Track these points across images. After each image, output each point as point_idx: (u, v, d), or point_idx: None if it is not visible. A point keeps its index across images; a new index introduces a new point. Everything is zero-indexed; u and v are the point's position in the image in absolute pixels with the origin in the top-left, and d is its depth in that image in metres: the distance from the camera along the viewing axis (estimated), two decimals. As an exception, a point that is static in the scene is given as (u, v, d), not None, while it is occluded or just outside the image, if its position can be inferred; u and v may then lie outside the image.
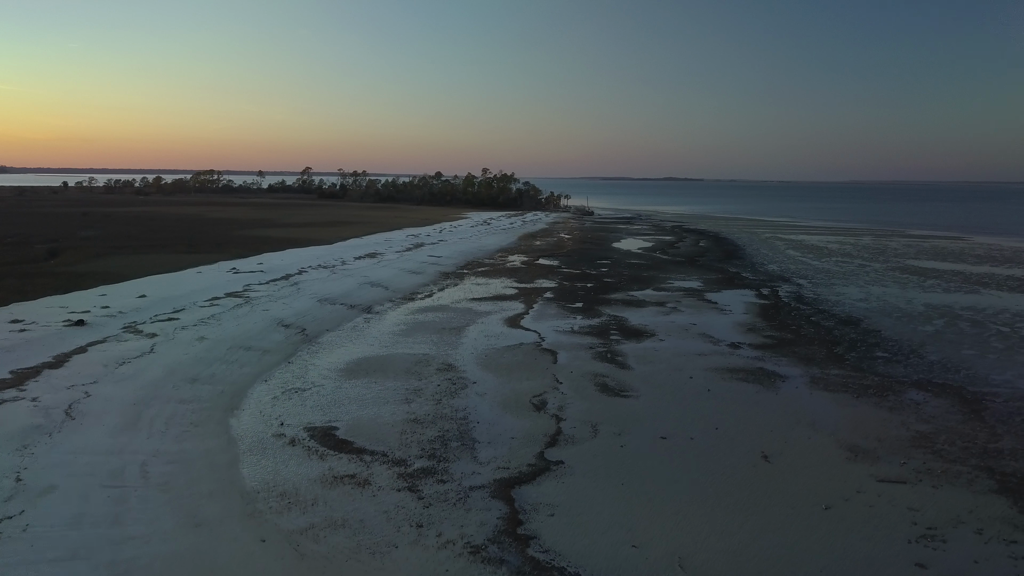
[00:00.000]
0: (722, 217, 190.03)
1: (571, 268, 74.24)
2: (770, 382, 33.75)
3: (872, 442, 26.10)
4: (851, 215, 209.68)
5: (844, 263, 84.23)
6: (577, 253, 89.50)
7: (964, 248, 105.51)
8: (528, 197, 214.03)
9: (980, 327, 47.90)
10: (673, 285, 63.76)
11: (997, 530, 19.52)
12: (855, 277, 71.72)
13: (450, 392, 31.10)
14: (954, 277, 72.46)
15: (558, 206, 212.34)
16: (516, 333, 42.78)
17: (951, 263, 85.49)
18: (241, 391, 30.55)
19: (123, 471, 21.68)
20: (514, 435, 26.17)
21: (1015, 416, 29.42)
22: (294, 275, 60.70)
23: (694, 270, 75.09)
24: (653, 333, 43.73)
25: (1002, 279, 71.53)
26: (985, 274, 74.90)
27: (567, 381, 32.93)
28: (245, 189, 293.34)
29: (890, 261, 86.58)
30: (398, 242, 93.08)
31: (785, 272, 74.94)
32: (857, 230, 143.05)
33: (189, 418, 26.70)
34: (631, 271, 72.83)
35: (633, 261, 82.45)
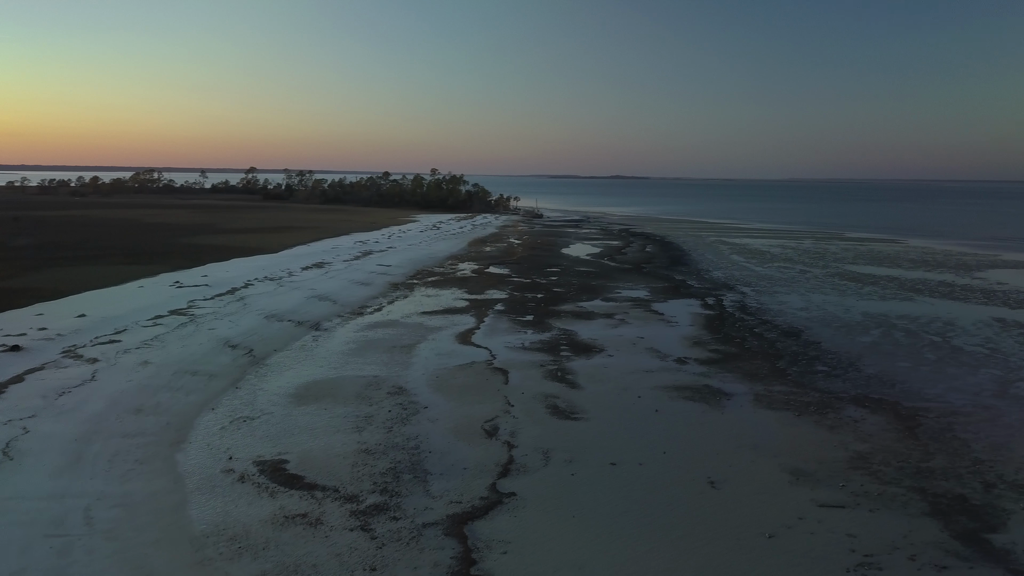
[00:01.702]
0: (668, 219, 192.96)
1: (521, 277, 74.62)
2: (716, 401, 34.57)
3: (813, 464, 26.99)
4: (792, 216, 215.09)
5: (786, 268, 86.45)
6: (527, 260, 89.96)
7: (899, 252, 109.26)
8: (478, 199, 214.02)
9: (914, 337, 49.77)
10: (621, 295, 64.63)
11: (929, 556, 20.43)
12: (796, 284, 73.70)
13: (401, 418, 31.08)
14: (890, 283, 75.04)
15: (508, 208, 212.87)
16: (467, 351, 42.89)
17: (887, 268, 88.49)
18: (187, 422, 30.02)
19: (66, 518, 21.16)
20: (466, 465, 26.32)
21: (946, 432, 30.75)
22: (240, 289, 59.69)
23: (641, 278, 76.20)
24: (602, 348, 44.32)
25: (934, 285, 74.36)
26: (919, 280, 77.76)
27: (519, 404, 33.21)
28: (187, 189, 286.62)
29: (829, 266, 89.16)
30: (346, 250, 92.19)
31: (729, 279, 76.57)
32: (798, 232, 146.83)
33: (134, 455, 26.16)
34: (580, 280, 73.55)
35: (582, 268, 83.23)
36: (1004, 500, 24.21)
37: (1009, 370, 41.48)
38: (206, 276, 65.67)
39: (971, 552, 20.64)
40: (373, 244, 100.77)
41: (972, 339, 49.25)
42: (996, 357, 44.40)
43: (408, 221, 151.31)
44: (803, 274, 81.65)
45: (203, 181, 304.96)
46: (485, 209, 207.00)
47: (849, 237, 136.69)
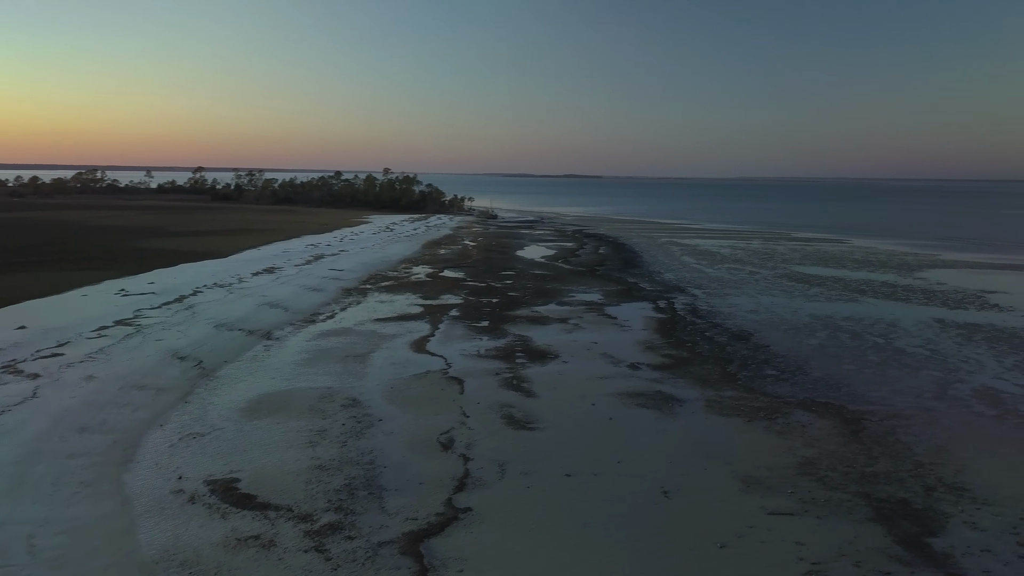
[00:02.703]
0: (621, 219, 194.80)
1: (476, 281, 74.58)
2: (669, 407, 35.07)
3: (763, 471, 27.60)
4: (742, 216, 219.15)
5: (735, 270, 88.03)
6: (482, 263, 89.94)
7: (844, 252, 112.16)
8: (432, 199, 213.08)
9: (859, 339, 51.18)
10: (575, 298, 65.08)
11: (874, 562, 21.08)
12: (746, 286, 75.12)
13: (356, 432, 30.83)
14: (835, 284, 77.00)
15: (462, 208, 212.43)
16: (422, 359, 42.73)
17: (833, 268, 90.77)
18: (135, 440, 29.32)
19: (8, 546, 20.50)
20: (422, 480, 26.26)
21: (888, 436, 31.72)
22: (189, 296, 58.46)
23: (595, 281, 76.82)
24: (557, 354, 44.60)
25: (878, 285, 76.55)
26: (863, 280, 79.96)
27: (474, 414, 33.23)
28: (132, 189, 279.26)
29: (778, 267, 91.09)
30: (297, 253, 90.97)
31: (681, 281, 77.69)
32: (747, 233, 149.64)
33: (79, 476, 25.46)
34: (535, 283, 73.84)
35: (537, 271, 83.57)
36: (944, 503, 25.10)
37: (948, 371, 42.94)
38: (153, 283, 64.17)
39: (913, 557, 21.36)
40: (325, 247, 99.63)
41: (913, 340, 50.85)
42: (936, 358, 45.92)
43: (361, 222, 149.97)
44: (752, 275, 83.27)
45: (149, 181, 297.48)
46: (439, 209, 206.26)
47: (796, 237, 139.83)
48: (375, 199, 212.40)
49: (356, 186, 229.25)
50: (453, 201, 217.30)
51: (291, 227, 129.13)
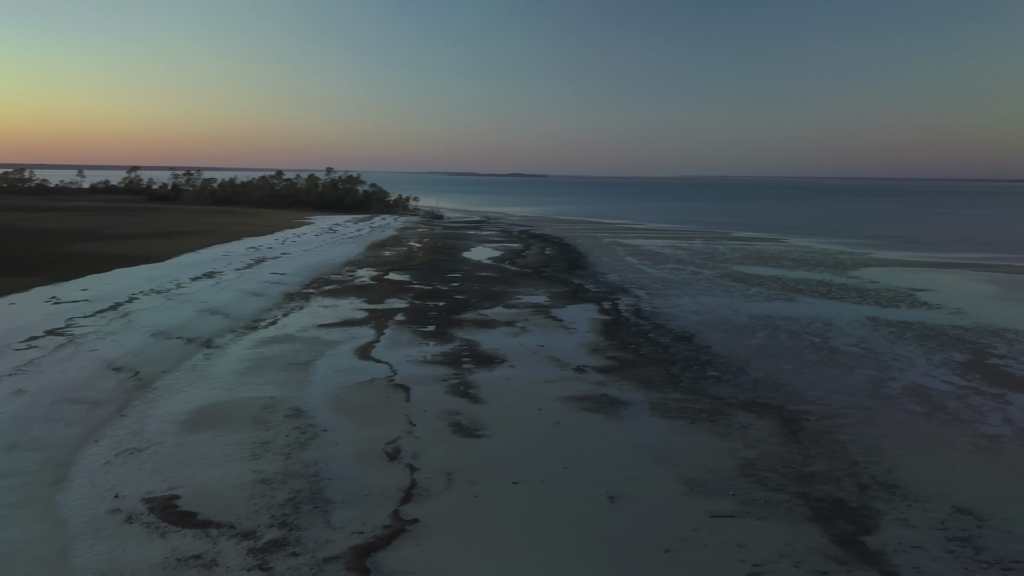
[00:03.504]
0: (566, 219, 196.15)
1: (422, 284, 74.19)
2: (614, 411, 35.49)
3: (705, 473, 28.16)
4: (684, 215, 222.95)
5: (678, 270, 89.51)
6: (428, 265, 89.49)
7: (782, 251, 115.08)
8: (376, 199, 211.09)
9: (796, 338, 52.59)
10: (522, 301, 65.28)
11: (812, 562, 21.70)
12: (688, 286, 76.45)
13: (300, 443, 30.37)
14: (774, 284, 78.96)
15: (407, 208, 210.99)
16: (367, 366, 42.31)
17: (771, 268, 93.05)
18: (68, 457, 28.32)
19: (-70, 576, 19.59)
20: (368, 491, 26.02)
21: (825, 435, 32.69)
22: (124, 303, 56.71)
23: (541, 283, 77.19)
24: (505, 359, 44.68)
25: (814, 284, 78.78)
26: (800, 280, 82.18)
27: (421, 423, 33.06)
28: (63, 190, 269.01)
29: (719, 267, 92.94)
30: (238, 257, 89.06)
31: (625, 282, 78.62)
32: (689, 232, 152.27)
33: (9, 497, 24.47)
34: (482, 285, 73.81)
35: (483, 273, 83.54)
36: (877, 501, 26.00)
37: (880, 369, 44.47)
38: (86, 290, 62.04)
39: (849, 556, 22.07)
40: (266, 250, 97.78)
41: (848, 339, 52.49)
42: (869, 357, 47.50)
43: (303, 224, 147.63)
44: (694, 276, 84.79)
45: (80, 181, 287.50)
46: (383, 210, 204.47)
47: (737, 236, 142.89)
48: (318, 199, 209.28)
49: (298, 186, 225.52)
50: (398, 201, 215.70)
51: (231, 229, 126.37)
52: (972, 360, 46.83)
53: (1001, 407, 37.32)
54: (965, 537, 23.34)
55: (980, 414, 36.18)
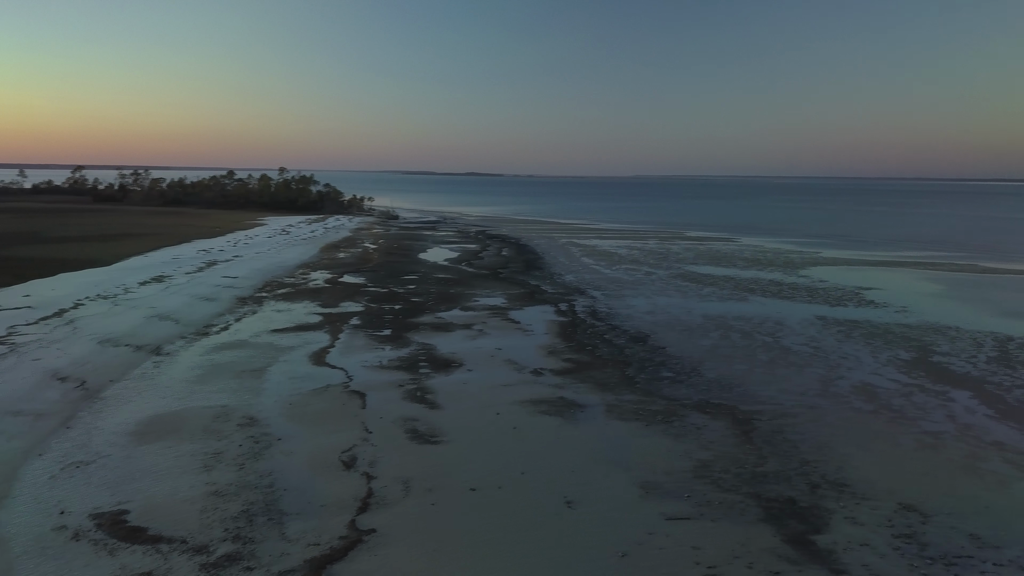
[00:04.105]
0: (522, 220, 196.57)
1: (378, 286, 73.59)
2: (570, 414, 35.67)
3: (661, 476, 28.49)
4: (638, 215, 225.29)
5: (633, 271, 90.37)
6: (384, 267, 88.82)
7: (734, 251, 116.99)
8: (330, 199, 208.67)
9: (749, 338, 53.52)
10: (479, 303, 65.22)
11: (764, 563, 22.12)
12: (643, 286, 77.24)
13: (254, 453, 29.88)
14: (727, 283, 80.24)
15: (362, 209, 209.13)
16: (322, 372, 41.82)
17: (724, 268, 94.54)
18: (11, 472, 27.42)
19: None
20: (324, 502, 25.72)
21: (777, 435, 33.34)
22: (69, 310, 55.10)
23: (498, 284, 77.20)
24: (462, 363, 44.58)
25: (766, 284, 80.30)
26: (752, 279, 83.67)
27: (377, 430, 32.81)
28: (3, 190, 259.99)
29: (672, 267, 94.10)
30: (188, 260, 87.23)
31: (581, 283, 79.10)
32: (643, 233, 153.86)
33: (-54, 517, 23.57)
34: (438, 288, 73.53)
35: (440, 275, 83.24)
36: (827, 500, 26.61)
37: (830, 368, 45.52)
38: (28, 296, 60.11)
39: (800, 555, 22.55)
40: (218, 253, 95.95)
41: (798, 338, 53.62)
42: (819, 356, 48.59)
43: (256, 225, 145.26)
44: (648, 276, 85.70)
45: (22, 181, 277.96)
46: (338, 210, 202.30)
47: (690, 236, 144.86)
48: (270, 200, 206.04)
49: (250, 186, 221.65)
50: (352, 201, 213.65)
51: (181, 231, 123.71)
52: (916, 358, 48.24)
53: (944, 404, 38.51)
54: (910, 534, 24.04)
55: (924, 411, 37.29)
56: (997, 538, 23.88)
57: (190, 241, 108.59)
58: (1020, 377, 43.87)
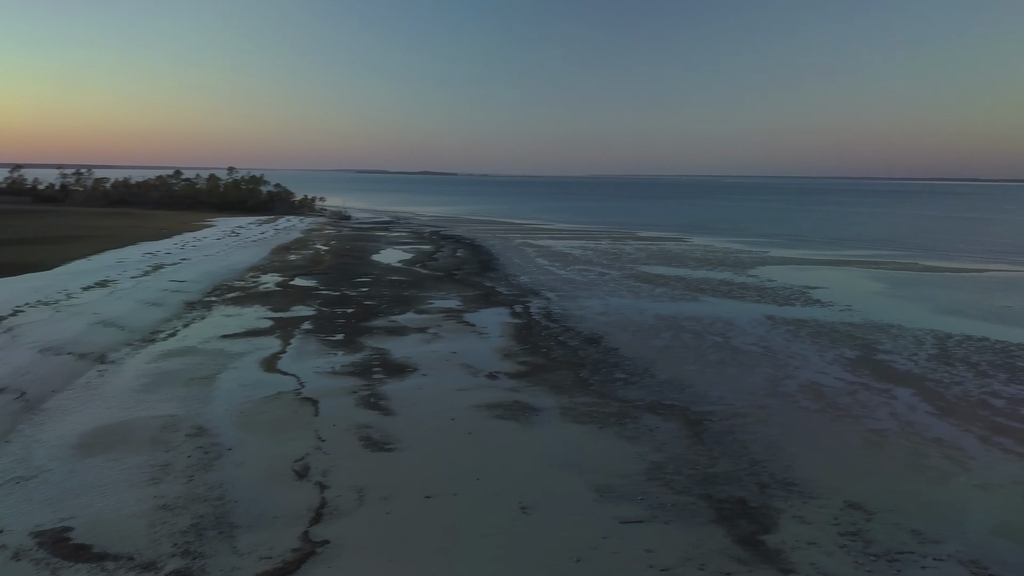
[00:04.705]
0: (477, 219, 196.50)
1: (330, 289, 72.77)
2: (526, 418, 35.80)
3: (615, 479, 28.77)
4: (592, 215, 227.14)
5: (586, 271, 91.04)
6: (336, 269, 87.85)
7: (685, 251, 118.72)
8: (280, 200, 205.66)
9: (700, 338, 54.38)
10: (434, 305, 64.99)
11: (716, 564, 22.52)
12: (596, 287, 77.88)
13: (203, 464, 29.29)
14: (678, 284, 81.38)
15: (313, 209, 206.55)
16: (274, 379, 41.21)
17: (675, 268, 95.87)
18: (-55, 490, 26.39)
19: None
20: (277, 513, 25.36)
21: (727, 436, 33.96)
22: (7, 317, 53.24)
23: (453, 286, 77.03)
24: (416, 368, 44.37)
25: (716, 284, 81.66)
26: (702, 279, 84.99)
27: (330, 438, 32.45)
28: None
29: (625, 268, 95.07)
30: (134, 263, 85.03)
31: (536, 284, 79.39)
32: (597, 233, 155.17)
33: None
34: (392, 290, 73.04)
35: (394, 277, 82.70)
36: (776, 499, 27.20)
37: (778, 367, 46.52)
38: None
39: (750, 556, 23.01)
40: (165, 255, 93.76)
41: (748, 338, 54.67)
42: (768, 355, 49.62)
43: (204, 226, 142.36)
44: (602, 277, 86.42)
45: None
46: (289, 211, 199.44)
47: (642, 236, 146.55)
48: (219, 200, 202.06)
49: (198, 186, 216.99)
50: (304, 201, 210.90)
51: (126, 233, 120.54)
52: (861, 356, 49.60)
53: (887, 402, 39.68)
54: (856, 531, 24.72)
55: (868, 409, 38.37)
56: (937, 533, 24.72)
57: (136, 243, 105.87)
58: (958, 374, 45.45)
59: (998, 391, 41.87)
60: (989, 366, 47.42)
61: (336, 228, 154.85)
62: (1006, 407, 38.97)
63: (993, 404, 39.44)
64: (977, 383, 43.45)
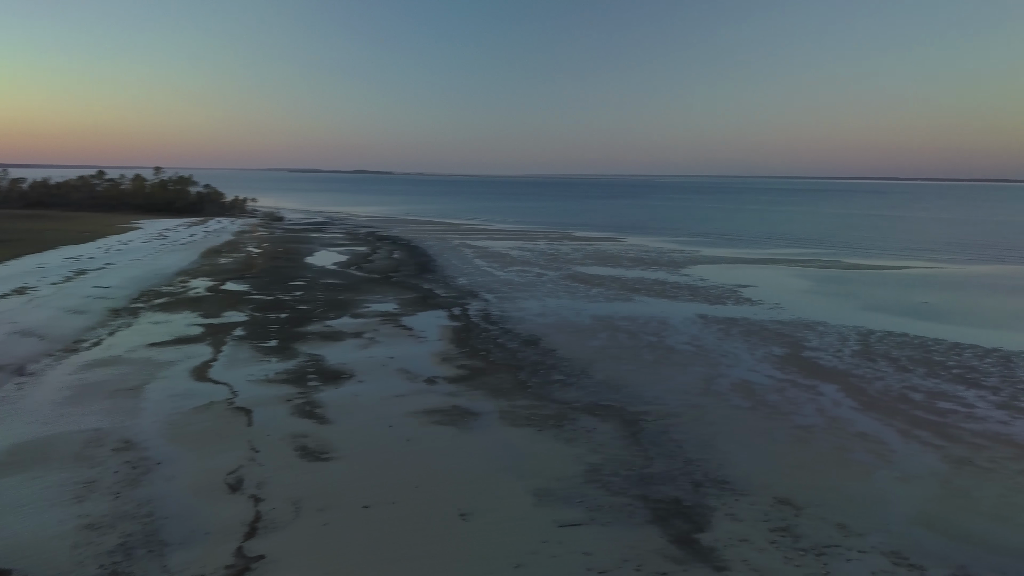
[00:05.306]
0: (413, 219, 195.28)
1: (263, 294, 71.24)
2: (464, 423, 35.77)
3: (554, 482, 29.01)
4: (529, 215, 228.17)
5: (524, 272, 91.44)
6: (269, 273, 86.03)
7: (620, 250, 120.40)
8: (210, 200, 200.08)
9: (635, 338, 55.26)
10: (370, 309, 64.31)
11: (653, 564, 22.96)
12: (534, 288, 78.30)
13: (131, 480, 28.34)
14: (613, 284, 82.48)
15: (245, 210, 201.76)
16: (205, 388, 40.14)
17: (610, 268, 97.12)
18: None
19: None
20: (209, 528, 24.72)
21: (662, 435, 34.62)
22: (-85, 328, 50.43)
23: (390, 289, 76.37)
24: (353, 374, 43.84)
25: (650, 283, 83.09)
26: (637, 279, 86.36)
27: (265, 448, 31.80)
28: None
29: (562, 268, 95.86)
30: (54, 269, 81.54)
31: (474, 286, 79.34)
32: (534, 233, 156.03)
33: None
34: (327, 294, 71.95)
35: (329, 280, 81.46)
36: (709, 498, 27.86)
37: (710, 366, 47.64)
38: None
39: (685, 555, 23.53)
40: (88, 260, 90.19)
41: (682, 337, 55.81)
42: (701, 354, 50.76)
43: (130, 229, 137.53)
44: (540, 277, 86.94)
45: None
46: (219, 212, 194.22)
47: (578, 236, 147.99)
48: (146, 201, 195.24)
49: (123, 187, 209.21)
50: (235, 202, 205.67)
51: (46, 236, 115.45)
52: (789, 353, 51.20)
53: (814, 398, 41.07)
54: (785, 527, 25.53)
55: (796, 406, 39.64)
56: (861, 526, 25.73)
57: (56, 248, 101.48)
58: (880, 369, 47.36)
59: (917, 385, 43.81)
60: (909, 361, 49.56)
61: (269, 230, 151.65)
62: (924, 401, 40.80)
63: (912, 398, 41.25)
64: (898, 378, 45.36)
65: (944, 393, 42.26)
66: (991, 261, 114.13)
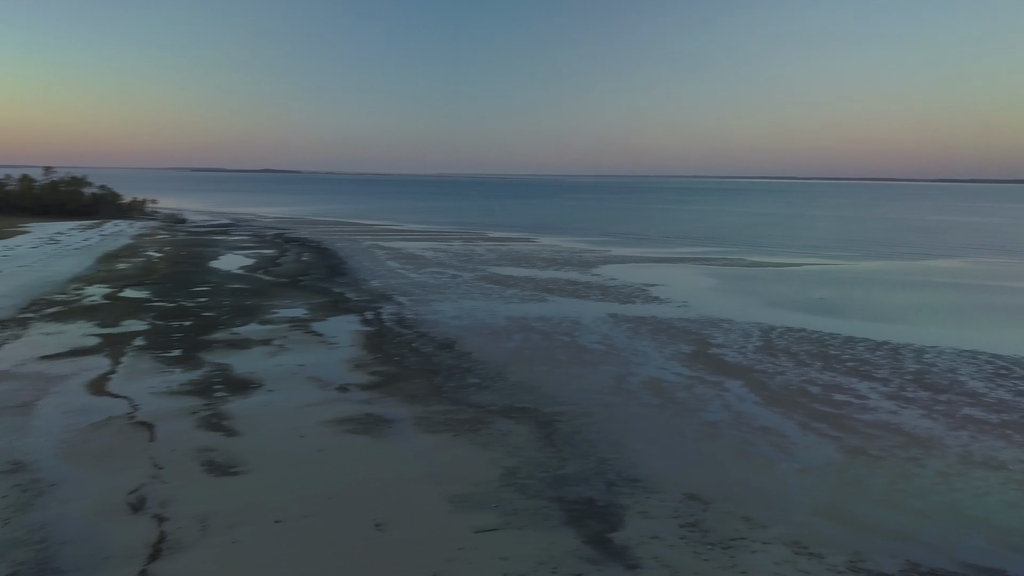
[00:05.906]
0: (323, 220, 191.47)
1: (165, 300, 68.42)
2: (378, 431, 35.37)
3: (470, 487, 29.04)
4: (442, 216, 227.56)
5: (439, 274, 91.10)
6: (171, 278, 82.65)
7: (534, 251, 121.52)
8: (106, 202, 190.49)
9: (549, 339, 55.92)
10: (279, 315, 62.73)
11: (568, 566, 23.29)
12: (449, 290, 78.11)
13: (22, 504, 26.74)
14: (527, 284, 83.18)
15: (144, 212, 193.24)
16: (103, 403, 38.26)
17: (525, 268, 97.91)
18: None
19: None
20: (109, 553, 23.58)
21: (576, 436, 35.16)
22: None
23: (299, 293, 74.68)
24: (261, 383, 42.67)
25: (563, 284, 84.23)
26: (550, 280, 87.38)
27: (168, 464, 30.57)
28: None
29: (477, 269, 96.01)
30: (-68, 277, 75.99)
31: (387, 289, 78.50)
32: (448, 233, 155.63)
33: None
34: (233, 299, 69.75)
35: (235, 285, 78.96)
36: (622, 496, 28.49)
37: (621, 365, 48.69)
38: None
39: (599, 555, 23.99)
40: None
41: (593, 337, 56.83)
42: (611, 353, 51.81)
43: (17, 233, 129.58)
44: (454, 279, 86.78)
45: None
46: (116, 214, 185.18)
47: (492, 237, 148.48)
48: (35, 204, 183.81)
49: (8, 188, 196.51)
50: (133, 204, 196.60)
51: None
52: (696, 351, 52.88)
53: (720, 394, 42.57)
54: (694, 522, 26.37)
55: (703, 402, 41.00)
56: (765, 518, 26.85)
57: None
58: (781, 364, 49.52)
59: (815, 379, 46.02)
60: (807, 355, 52.00)
61: (170, 233, 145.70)
62: (821, 394, 42.91)
63: (811, 391, 43.31)
64: (797, 372, 47.54)
65: (839, 386, 44.57)
66: (880, 257, 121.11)
